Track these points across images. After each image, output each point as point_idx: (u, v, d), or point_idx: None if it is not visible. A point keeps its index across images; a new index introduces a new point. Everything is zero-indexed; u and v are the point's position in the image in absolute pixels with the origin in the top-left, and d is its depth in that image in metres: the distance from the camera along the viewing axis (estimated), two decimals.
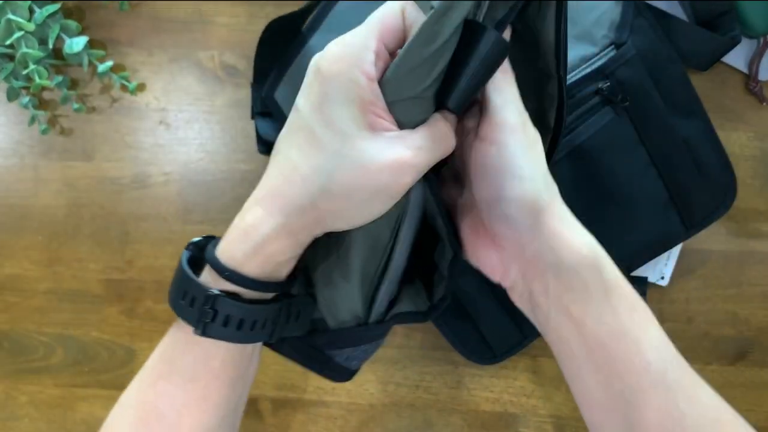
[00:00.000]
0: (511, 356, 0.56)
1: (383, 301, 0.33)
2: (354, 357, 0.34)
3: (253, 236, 0.28)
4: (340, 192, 0.27)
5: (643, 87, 0.50)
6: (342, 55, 0.26)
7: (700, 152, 0.52)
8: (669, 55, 0.52)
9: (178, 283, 0.30)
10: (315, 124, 0.27)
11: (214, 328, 0.28)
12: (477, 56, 0.26)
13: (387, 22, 0.27)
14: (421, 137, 0.27)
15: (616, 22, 0.50)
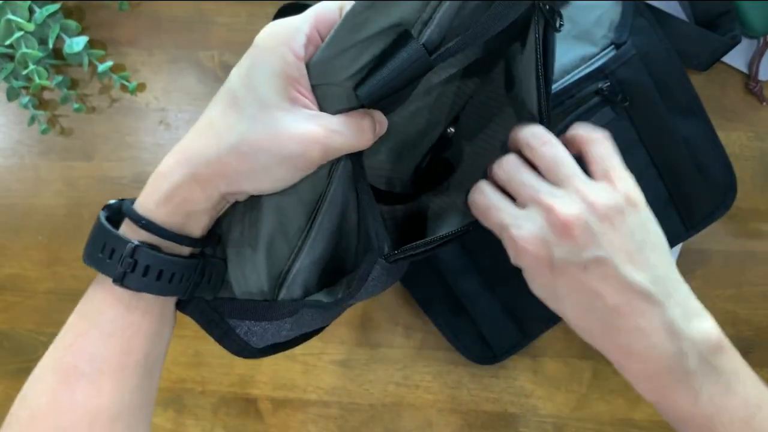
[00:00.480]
0: (511, 356, 0.56)
1: (295, 285, 0.34)
2: (254, 333, 0.35)
3: (163, 184, 0.30)
4: (248, 151, 0.29)
5: (644, 87, 0.50)
6: (276, 32, 0.29)
7: (700, 152, 0.52)
8: (669, 55, 0.51)
9: (96, 237, 0.31)
10: (239, 88, 0.29)
11: (134, 279, 0.29)
12: (397, 58, 0.28)
13: (324, 12, 0.29)
14: (336, 121, 0.29)
15: (616, 22, 0.50)
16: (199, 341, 0.59)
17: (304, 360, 0.59)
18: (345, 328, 0.59)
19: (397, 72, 0.29)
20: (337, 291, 0.35)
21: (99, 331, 0.31)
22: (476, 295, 0.54)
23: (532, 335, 0.55)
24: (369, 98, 0.29)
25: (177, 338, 0.59)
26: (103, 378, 0.30)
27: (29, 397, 0.31)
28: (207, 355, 0.59)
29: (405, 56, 0.28)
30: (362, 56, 0.29)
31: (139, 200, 0.31)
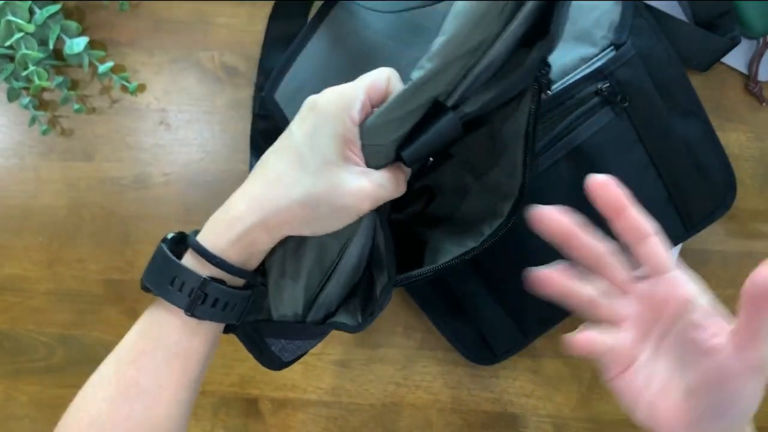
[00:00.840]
0: (511, 356, 0.56)
1: (321, 308, 0.38)
2: (287, 349, 0.40)
3: (237, 227, 0.33)
4: (312, 203, 0.33)
5: (643, 87, 0.50)
6: (336, 99, 0.33)
7: (699, 153, 0.52)
8: (669, 56, 0.52)
9: (164, 270, 0.34)
10: (303, 146, 0.33)
11: (202, 309, 0.33)
12: (434, 127, 0.33)
13: (375, 82, 0.34)
14: (381, 176, 0.35)
15: (616, 23, 0.50)
16: None
17: (304, 360, 0.59)
18: None
19: (436, 137, 0.34)
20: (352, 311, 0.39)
21: (164, 352, 0.34)
22: (476, 295, 0.54)
23: (532, 336, 0.55)
24: (411, 159, 0.34)
25: None
26: (162, 394, 0.34)
27: (88, 403, 0.35)
28: None
29: (443, 124, 0.33)
30: (406, 124, 0.34)
31: (207, 238, 0.34)
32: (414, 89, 0.33)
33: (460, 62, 0.33)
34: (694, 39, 0.55)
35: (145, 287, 0.35)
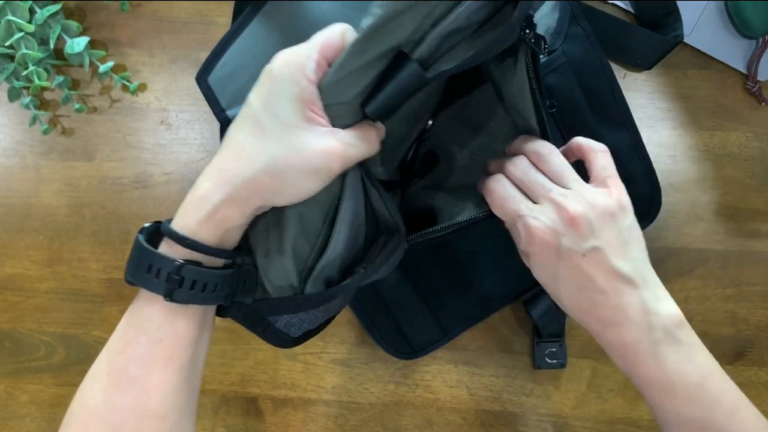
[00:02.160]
0: (430, 352, 0.57)
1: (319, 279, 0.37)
2: (292, 324, 0.39)
3: (204, 205, 0.33)
4: (278, 170, 0.32)
5: (572, 95, 0.51)
6: (289, 61, 0.33)
7: (626, 164, 0.52)
8: (601, 65, 0.52)
9: (140, 259, 0.34)
10: (262, 114, 0.32)
11: (180, 294, 0.33)
12: (397, 79, 0.32)
13: (329, 39, 0.33)
14: (348, 134, 0.34)
15: (552, 29, 0.51)
16: None
17: (304, 359, 0.59)
18: (345, 327, 0.59)
19: (398, 90, 0.32)
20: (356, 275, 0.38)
21: (147, 338, 0.34)
22: (397, 290, 0.55)
23: (451, 334, 0.56)
24: (376, 114, 0.33)
25: None
26: (151, 380, 0.33)
27: (86, 397, 0.34)
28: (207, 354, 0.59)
29: (405, 76, 0.32)
30: (366, 77, 0.32)
31: (177, 221, 0.34)
32: (365, 39, 0.31)
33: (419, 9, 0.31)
34: (639, 39, 0.56)
35: (128, 281, 0.35)
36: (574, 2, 0.52)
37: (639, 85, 0.59)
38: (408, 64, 0.32)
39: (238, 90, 0.51)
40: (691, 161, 0.58)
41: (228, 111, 0.51)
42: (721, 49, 0.58)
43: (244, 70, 0.51)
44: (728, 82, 0.58)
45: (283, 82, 0.32)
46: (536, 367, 0.57)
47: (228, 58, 0.51)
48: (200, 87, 0.51)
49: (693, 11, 0.57)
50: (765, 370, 0.57)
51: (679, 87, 0.59)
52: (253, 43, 0.51)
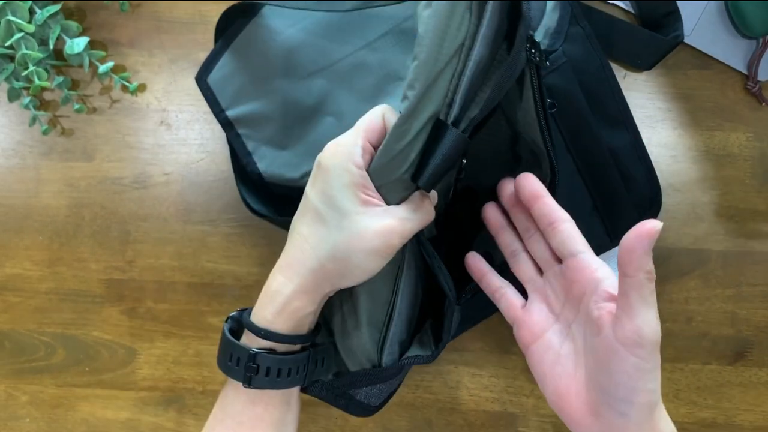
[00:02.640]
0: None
1: (393, 345, 0.39)
2: (372, 395, 0.41)
3: (278, 299, 0.36)
4: (342, 256, 0.34)
5: (572, 95, 0.51)
6: (336, 152, 0.35)
7: (627, 164, 0.52)
8: (602, 66, 0.52)
9: (224, 348, 0.37)
10: (320, 204, 0.34)
11: (257, 380, 0.36)
12: (441, 148, 0.33)
13: (371, 124, 0.35)
14: (403, 210, 0.35)
15: (552, 30, 0.51)
16: (200, 341, 0.59)
17: None
18: None
19: (445, 158, 0.34)
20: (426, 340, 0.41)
21: (231, 421, 0.37)
22: None
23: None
24: (428, 185, 0.34)
25: (177, 338, 0.59)
26: None
27: None
28: (207, 354, 0.59)
29: (448, 142, 0.33)
30: (411, 154, 0.34)
31: (256, 313, 0.37)
32: (404, 121, 0.33)
33: (444, 75, 0.33)
34: (638, 39, 0.56)
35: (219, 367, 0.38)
36: (574, 2, 0.52)
37: (639, 86, 0.59)
38: (448, 131, 0.33)
39: (238, 90, 0.51)
40: (691, 161, 0.58)
41: (227, 111, 0.51)
42: (721, 50, 0.58)
43: (243, 71, 0.51)
44: (728, 83, 0.58)
45: (335, 172, 0.34)
46: None
47: (227, 58, 0.51)
48: (200, 87, 0.52)
49: (693, 11, 0.57)
50: (765, 370, 0.57)
51: (679, 87, 0.59)
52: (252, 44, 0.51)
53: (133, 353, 0.59)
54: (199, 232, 0.59)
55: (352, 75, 0.49)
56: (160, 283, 0.59)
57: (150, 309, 0.59)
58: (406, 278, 0.38)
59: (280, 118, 0.50)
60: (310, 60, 0.49)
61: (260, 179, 0.51)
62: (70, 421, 0.59)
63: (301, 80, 0.50)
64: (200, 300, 0.59)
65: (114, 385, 0.59)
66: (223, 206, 0.59)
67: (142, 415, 0.59)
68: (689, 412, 0.57)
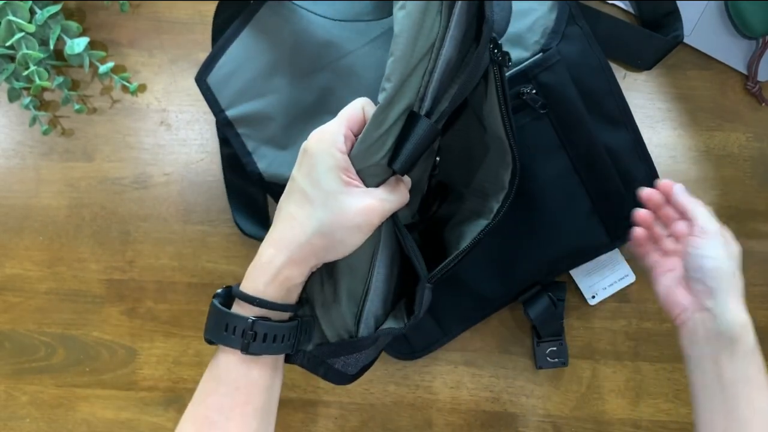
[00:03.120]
0: (430, 352, 0.57)
1: (369, 319, 0.42)
2: (349, 364, 0.43)
3: (269, 269, 0.38)
4: (328, 231, 0.37)
5: (565, 93, 0.51)
6: (321, 138, 0.38)
7: (626, 163, 0.52)
8: (600, 65, 0.52)
9: (217, 320, 0.39)
10: (306, 186, 0.38)
11: (255, 346, 0.38)
12: (414, 135, 0.37)
13: (352, 114, 0.38)
14: (382, 191, 0.39)
15: (550, 29, 0.51)
16: (200, 341, 0.59)
17: None
18: None
19: (417, 145, 0.37)
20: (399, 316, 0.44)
21: (226, 387, 0.39)
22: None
23: (451, 334, 0.56)
24: (402, 169, 0.38)
25: (178, 338, 0.59)
26: (229, 424, 0.38)
27: None
28: (208, 354, 0.59)
29: (420, 131, 0.37)
30: (388, 140, 0.37)
31: (246, 285, 0.39)
32: (382, 111, 0.37)
33: (417, 72, 0.36)
34: (638, 38, 0.56)
35: (207, 340, 0.40)
36: (572, 2, 0.52)
37: (639, 86, 0.59)
38: (420, 121, 0.37)
39: (237, 90, 0.51)
40: (691, 162, 0.58)
41: (227, 111, 0.51)
42: (721, 50, 0.58)
43: (242, 71, 0.51)
44: (728, 83, 0.58)
45: (320, 156, 0.37)
46: (538, 367, 0.57)
47: (227, 58, 0.51)
48: (200, 87, 0.52)
49: (693, 11, 0.57)
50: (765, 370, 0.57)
51: (679, 87, 0.58)
52: (248, 48, 0.51)
53: (133, 353, 0.59)
54: (199, 232, 0.59)
55: (353, 73, 0.49)
56: (160, 283, 0.59)
57: (150, 309, 0.59)
58: (381, 256, 0.41)
59: (280, 117, 0.51)
60: (312, 58, 0.49)
61: (260, 179, 0.51)
62: (71, 421, 0.59)
63: (302, 79, 0.50)
64: (200, 300, 0.59)
65: (114, 385, 0.59)
66: (223, 206, 0.59)
67: (142, 415, 0.59)
68: (689, 412, 0.57)
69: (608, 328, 0.58)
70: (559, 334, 0.57)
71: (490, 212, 0.44)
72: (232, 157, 0.54)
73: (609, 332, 0.58)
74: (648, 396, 0.58)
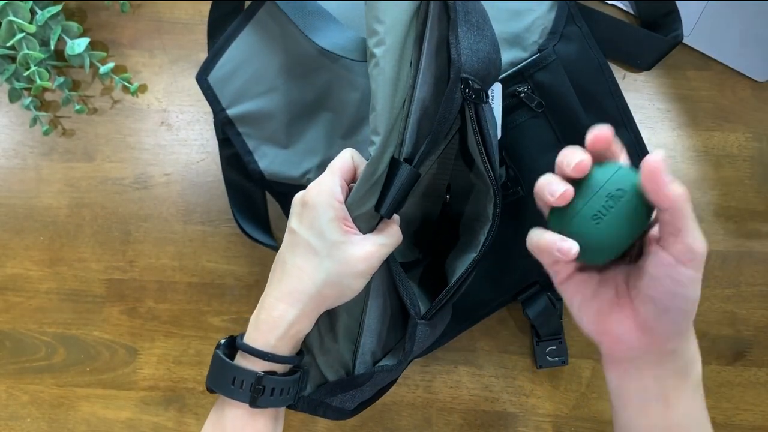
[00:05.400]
0: (430, 352, 0.57)
1: (365, 355, 0.44)
2: (346, 400, 0.45)
3: (281, 324, 0.39)
4: (335, 280, 0.39)
5: (561, 93, 0.51)
6: (321, 191, 0.39)
7: None
8: (599, 65, 0.52)
9: (222, 372, 0.40)
10: (310, 238, 0.39)
11: (263, 400, 0.39)
12: (396, 182, 0.39)
13: (343, 165, 0.40)
14: (378, 237, 0.40)
15: (548, 29, 0.51)
16: (201, 341, 0.59)
17: None
18: None
19: (400, 190, 0.39)
20: (398, 353, 0.44)
21: None
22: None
23: (450, 334, 0.56)
24: (388, 213, 0.40)
25: (178, 338, 0.59)
26: None
27: None
28: (208, 354, 0.59)
29: (402, 177, 0.39)
30: (377, 189, 0.39)
31: (255, 338, 0.40)
32: (372, 163, 0.39)
33: (399, 121, 0.39)
34: (638, 39, 0.56)
35: (210, 389, 0.40)
36: (571, 2, 0.52)
37: (638, 86, 0.59)
38: (401, 167, 0.39)
39: (238, 89, 0.51)
40: (690, 162, 0.58)
41: (228, 110, 0.52)
42: (721, 50, 0.58)
43: (243, 70, 0.51)
44: (728, 83, 0.58)
45: (321, 208, 0.39)
46: (538, 367, 0.57)
47: (227, 57, 0.52)
48: (200, 86, 0.52)
49: (693, 11, 0.57)
50: (765, 370, 0.57)
51: (678, 88, 0.59)
52: (249, 47, 0.52)
53: (133, 353, 0.59)
54: (200, 232, 0.59)
55: (351, 71, 0.49)
56: (161, 283, 0.59)
57: (150, 309, 0.59)
58: (373, 294, 0.43)
59: (281, 115, 0.51)
60: (310, 57, 0.50)
61: (261, 177, 0.52)
62: (71, 420, 0.59)
63: (301, 77, 0.50)
64: (201, 300, 0.59)
65: (114, 384, 0.59)
66: (223, 206, 0.59)
67: (142, 415, 0.59)
68: None
69: None
70: (559, 333, 0.57)
71: (477, 246, 0.44)
72: (233, 156, 0.54)
73: None
74: None
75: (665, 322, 0.34)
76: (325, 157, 0.51)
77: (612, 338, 0.36)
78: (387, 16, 0.38)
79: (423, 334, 0.43)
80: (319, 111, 0.51)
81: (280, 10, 0.50)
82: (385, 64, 0.38)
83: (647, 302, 0.34)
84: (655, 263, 0.33)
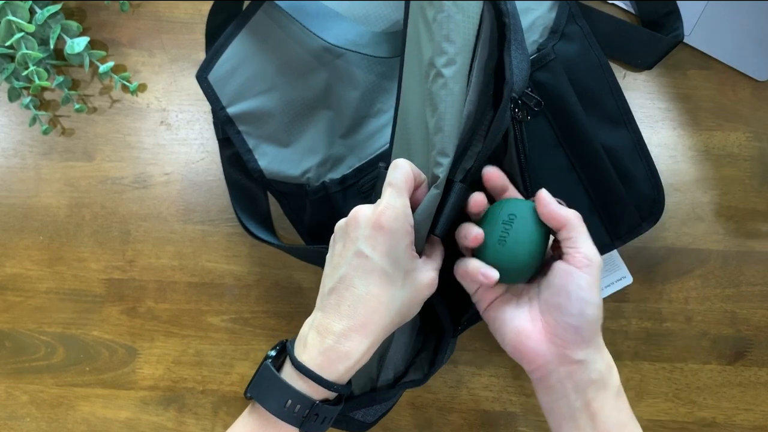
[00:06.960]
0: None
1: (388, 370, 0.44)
2: (368, 414, 0.45)
3: (354, 356, 0.37)
4: (405, 310, 0.39)
5: (561, 91, 0.50)
6: (397, 216, 0.37)
7: (626, 163, 0.52)
8: (599, 65, 0.52)
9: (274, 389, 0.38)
10: (387, 266, 0.37)
11: (312, 426, 0.38)
12: (450, 202, 0.39)
13: (408, 180, 0.38)
14: (435, 260, 0.40)
15: (549, 28, 0.51)
16: (200, 341, 0.59)
17: None
18: None
19: (454, 208, 0.40)
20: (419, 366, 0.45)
21: None
22: None
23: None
24: (442, 234, 0.40)
25: (178, 338, 0.59)
26: None
27: None
28: (207, 354, 0.59)
29: (454, 196, 0.39)
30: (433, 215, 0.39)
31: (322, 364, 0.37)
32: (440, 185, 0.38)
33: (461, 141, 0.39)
34: (638, 38, 0.56)
35: (248, 396, 0.39)
36: (572, 2, 0.52)
37: (639, 85, 0.59)
38: (455, 186, 0.39)
39: (238, 87, 0.51)
40: (691, 161, 0.58)
41: (228, 108, 0.51)
42: (721, 49, 0.58)
43: (243, 68, 0.51)
44: (728, 82, 0.58)
45: (399, 235, 0.37)
46: None
47: (227, 56, 0.52)
48: (201, 85, 0.52)
49: (693, 11, 0.57)
50: (765, 370, 0.57)
51: (679, 87, 0.59)
52: (251, 42, 0.51)
53: (133, 353, 0.59)
54: (199, 231, 0.59)
55: (351, 70, 0.49)
56: (161, 283, 0.59)
57: (150, 308, 0.59)
58: None
59: (281, 114, 0.51)
60: (310, 56, 0.50)
61: (261, 176, 0.52)
62: (71, 420, 0.59)
63: (301, 76, 0.50)
64: (200, 299, 0.59)
65: (114, 384, 0.59)
66: (223, 206, 0.59)
67: (142, 415, 0.59)
68: (689, 411, 0.57)
69: (607, 328, 0.58)
70: None
71: None
72: (234, 155, 0.54)
73: (608, 332, 0.58)
74: (648, 395, 0.58)
75: (570, 329, 0.37)
76: (324, 156, 0.51)
77: (529, 354, 0.39)
78: (459, 36, 0.38)
79: (451, 348, 0.44)
80: (319, 110, 0.51)
81: (279, 9, 0.50)
82: (454, 84, 0.38)
83: (553, 310, 0.38)
84: (558, 273, 0.38)
